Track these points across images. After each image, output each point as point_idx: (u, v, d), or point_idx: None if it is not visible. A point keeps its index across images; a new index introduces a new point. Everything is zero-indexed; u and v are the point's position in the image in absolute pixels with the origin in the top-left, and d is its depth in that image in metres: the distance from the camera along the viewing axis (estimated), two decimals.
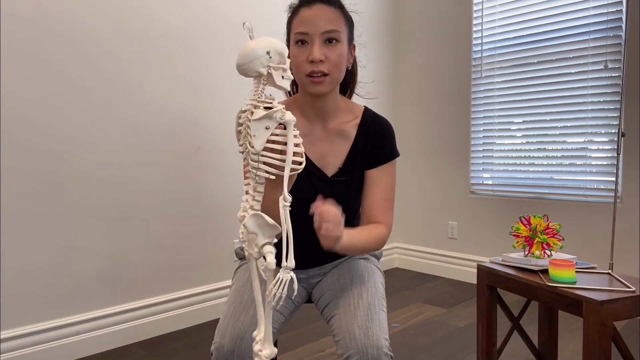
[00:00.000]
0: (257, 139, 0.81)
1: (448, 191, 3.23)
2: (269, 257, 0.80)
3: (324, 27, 1.07)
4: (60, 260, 1.96)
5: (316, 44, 1.07)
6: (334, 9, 1.10)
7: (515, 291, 1.37)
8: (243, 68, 0.82)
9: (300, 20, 1.09)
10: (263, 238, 0.82)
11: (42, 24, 1.88)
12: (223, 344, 1.00)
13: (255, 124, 0.81)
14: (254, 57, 0.81)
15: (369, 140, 1.18)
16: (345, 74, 1.15)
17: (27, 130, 1.86)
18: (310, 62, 1.07)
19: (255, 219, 0.81)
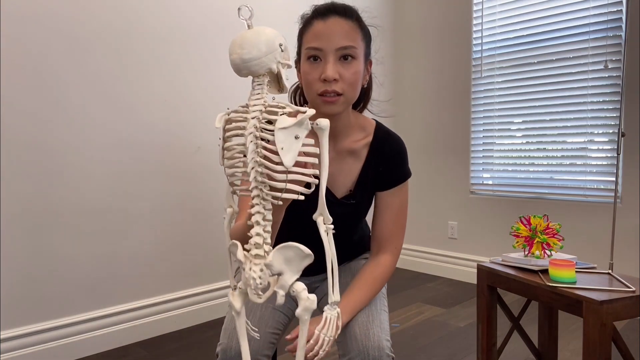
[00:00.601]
0: (286, 152, 0.65)
1: (448, 191, 3.23)
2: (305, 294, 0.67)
3: (339, 43, 0.98)
4: (61, 260, 1.96)
5: (330, 61, 0.97)
6: (350, 22, 1.01)
7: (515, 291, 1.37)
8: (253, 64, 0.68)
9: (313, 33, 1.00)
10: (292, 275, 0.66)
11: (41, 25, 1.88)
12: (230, 346, 0.98)
13: (282, 133, 0.65)
14: (270, 49, 0.68)
15: (381, 161, 1.11)
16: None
17: (26, 131, 1.86)
18: (323, 80, 0.97)
19: (284, 252, 0.66)
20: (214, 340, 2.13)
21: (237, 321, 0.71)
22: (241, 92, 2.54)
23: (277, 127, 0.66)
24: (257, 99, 0.69)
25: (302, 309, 0.67)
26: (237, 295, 0.70)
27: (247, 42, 0.67)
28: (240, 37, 0.68)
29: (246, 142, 0.67)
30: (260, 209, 0.67)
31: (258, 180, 0.67)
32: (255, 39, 0.67)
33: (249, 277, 0.66)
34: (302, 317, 0.67)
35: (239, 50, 0.67)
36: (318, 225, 0.69)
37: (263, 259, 0.66)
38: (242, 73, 0.69)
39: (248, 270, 0.66)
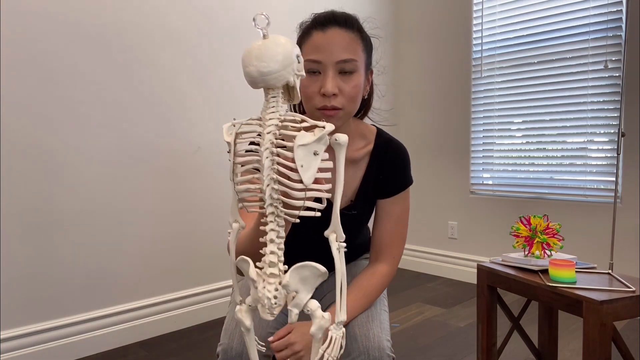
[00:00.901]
0: (306, 170, 0.63)
1: (448, 191, 3.23)
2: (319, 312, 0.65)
3: (339, 56, 0.94)
4: (60, 260, 1.96)
5: (329, 74, 0.94)
6: (351, 33, 0.97)
7: (515, 291, 1.37)
8: (272, 77, 0.65)
9: (312, 45, 0.96)
10: (306, 293, 0.65)
11: (41, 25, 1.88)
12: (231, 346, 0.98)
13: (302, 150, 0.63)
14: (288, 62, 0.65)
15: (383, 169, 1.09)
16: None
17: (26, 131, 1.86)
18: (323, 95, 0.94)
19: (300, 272, 0.64)
20: (214, 340, 2.13)
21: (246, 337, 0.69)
22: (241, 92, 2.55)
23: (296, 143, 0.63)
24: (273, 112, 0.66)
25: (317, 328, 0.66)
26: (245, 312, 0.68)
27: (265, 54, 0.64)
28: (257, 48, 0.65)
29: (262, 158, 0.64)
30: (274, 226, 0.65)
31: (273, 198, 0.65)
32: (273, 51, 0.64)
33: (263, 297, 0.64)
34: (316, 335, 0.66)
35: (256, 63, 0.64)
36: (330, 243, 0.67)
37: (278, 277, 0.65)
38: (257, 86, 0.66)
39: (262, 289, 0.64)
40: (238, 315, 0.68)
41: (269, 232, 0.65)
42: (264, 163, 0.64)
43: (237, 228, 0.71)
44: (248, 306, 0.68)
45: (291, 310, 0.65)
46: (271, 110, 0.66)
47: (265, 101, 0.67)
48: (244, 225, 0.71)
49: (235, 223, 0.72)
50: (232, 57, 2.49)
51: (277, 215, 0.65)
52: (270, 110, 0.66)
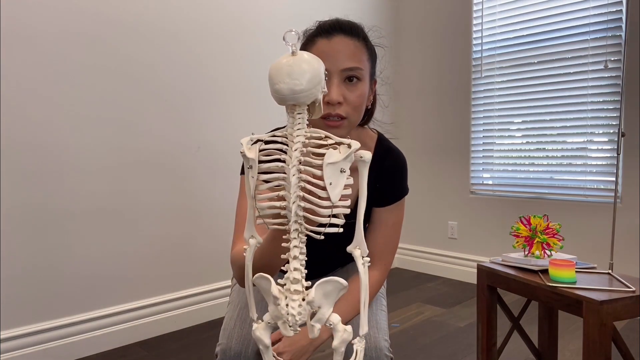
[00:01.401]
0: (334, 187, 0.63)
1: (448, 191, 3.23)
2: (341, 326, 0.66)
3: (343, 64, 0.93)
4: (60, 260, 1.96)
5: (334, 83, 0.93)
6: (356, 41, 0.97)
7: (515, 291, 1.37)
8: (303, 95, 0.64)
9: (316, 53, 0.92)
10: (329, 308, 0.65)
11: (41, 24, 1.88)
12: (230, 346, 0.98)
13: (330, 168, 0.63)
14: (318, 80, 0.65)
15: (381, 178, 1.08)
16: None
17: (26, 131, 1.86)
18: (327, 103, 0.93)
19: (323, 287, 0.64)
20: (214, 340, 2.13)
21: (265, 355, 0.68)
22: (241, 92, 2.55)
23: (326, 161, 0.63)
24: (299, 129, 0.66)
25: (340, 341, 0.66)
26: (263, 330, 0.67)
27: (297, 72, 0.64)
28: (287, 65, 0.64)
29: (289, 175, 0.64)
30: (297, 243, 0.65)
31: (299, 215, 0.65)
32: (303, 69, 0.64)
33: (287, 314, 0.63)
34: (338, 349, 0.66)
35: (288, 80, 0.63)
36: (355, 258, 0.67)
37: (301, 294, 0.64)
38: (286, 103, 0.66)
39: (284, 306, 0.63)
40: (256, 333, 0.67)
41: (292, 249, 0.65)
42: (291, 180, 0.64)
43: (254, 244, 0.70)
44: (267, 323, 0.67)
45: (314, 326, 0.65)
46: (298, 127, 0.66)
47: (291, 117, 0.67)
48: (260, 240, 0.71)
49: (252, 239, 0.70)
50: (232, 57, 2.49)
51: (300, 232, 0.65)
52: (297, 127, 0.66)
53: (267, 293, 0.66)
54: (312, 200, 0.64)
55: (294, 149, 0.65)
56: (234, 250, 0.96)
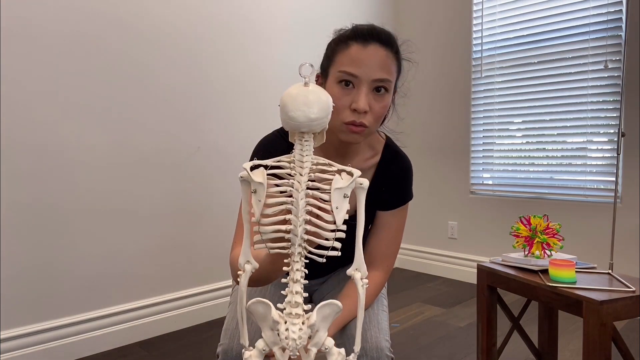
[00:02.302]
0: (339, 211, 0.66)
1: (448, 191, 3.23)
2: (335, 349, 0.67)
3: (376, 75, 0.94)
4: (60, 260, 1.96)
5: (363, 91, 0.93)
6: (390, 53, 0.98)
7: (515, 291, 1.37)
8: (317, 124, 0.68)
9: (350, 57, 0.94)
10: (325, 331, 0.66)
11: (41, 24, 1.88)
12: (231, 347, 0.97)
13: (337, 193, 0.66)
14: (329, 110, 0.70)
15: (386, 182, 1.09)
16: None
17: (25, 131, 1.86)
18: (353, 110, 0.93)
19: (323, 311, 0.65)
20: (214, 340, 2.13)
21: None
22: (241, 92, 2.55)
23: (333, 187, 0.67)
24: (308, 156, 0.69)
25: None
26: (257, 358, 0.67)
27: (312, 102, 0.68)
28: (303, 95, 0.68)
29: (297, 199, 0.66)
30: (299, 266, 0.66)
31: (303, 238, 0.66)
32: (318, 99, 0.68)
33: (288, 338, 0.63)
34: None
35: (304, 108, 0.67)
36: (355, 281, 0.69)
37: (302, 317, 0.65)
38: (300, 129, 0.69)
39: (284, 330, 0.63)
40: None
41: (294, 272, 0.66)
42: (299, 204, 0.66)
43: (249, 270, 0.70)
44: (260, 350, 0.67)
45: (310, 350, 0.66)
46: (307, 154, 0.70)
47: (299, 145, 0.70)
48: (257, 266, 0.71)
49: (247, 264, 0.70)
50: (232, 57, 2.49)
51: (302, 256, 0.67)
52: (306, 154, 0.70)
53: (263, 319, 0.65)
54: (319, 223, 0.66)
55: (302, 173, 0.68)
56: (232, 254, 0.96)
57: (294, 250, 0.66)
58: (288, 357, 0.65)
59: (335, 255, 0.67)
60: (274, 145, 1.07)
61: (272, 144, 1.07)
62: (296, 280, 0.66)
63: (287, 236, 0.67)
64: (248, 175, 0.67)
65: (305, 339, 0.64)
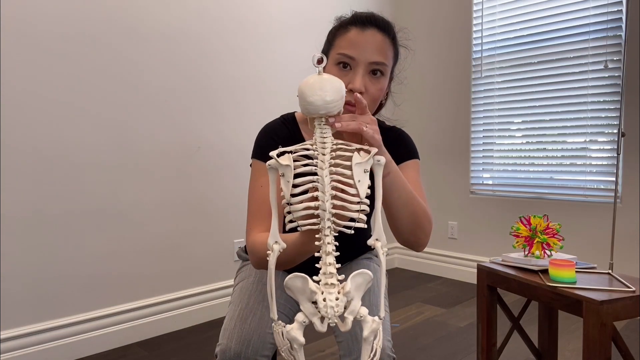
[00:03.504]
0: (361, 184, 0.72)
1: (448, 191, 3.23)
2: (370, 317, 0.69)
3: (372, 57, 0.99)
4: (60, 260, 1.96)
5: (359, 72, 0.98)
6: (387, 38, 1.02)
7: (515, 291, 1.37)
8: (332, 106, 0.75)
9: (348, 40, 0.99)
10: (359, 300, 0.69)
11: (41, 24, 1.88)
12: (230, 347, 0.97)
13: (358, 168, 0.72)
14: (342, 94, 0.77)
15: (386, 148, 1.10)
16: None
17: (26, 132, 1.86)
18: (349, 90, 0.96)
19: (356, 279, 0.68)
20: (214, 340, 2.13)
21: (298, 353, 0.70)
22: (241, 92, 2.55)
23: (354, 162, 0.72)
24: (327, 137, 0.76)
25: (370, 332, 0.69)
26: (298, 330, 0.69)
27: (327, 86, 0.75)
28: (318, 81, 0.75)
29: (322, 176, 0.72)
30: (330, 239, 0.70)
31: (332, 212, 0.71)
32: (332, 84, 0.75)
33: (327, 307, 0.66)
34: (368, 338, 0.69)
35: (320, 92, 0.74)
36: (377, 249, 0.73)
37: (337, 286, 0.68)
38: (318, 113, 0.75)
39: (322, 300, 0.67)
40: (291, 333, 0.68)
41: (326, 245, 0.70)
42: (324, 180, 0.71)
43: (277, 249, 0.74)
44: (300, 323, 0.69)
45: (347, 318, 0.68)
46: (327, 135, 0.76)
47: (319, 128, 0.77)
48: (284, 246, 0.74)
49: (276, 244, 0.74)
50: (232, 58, 2.49)
51: (332, 230, 0.71)
52: (327, 135, 0.76)
53: (301, 292, 0.68)
54: (344, 197, 0.71)
55: (324, 153, 0.74)
56: (253, 238, 0.97)
57: (324, 225, 0.70)
58: (327, 326, 0.68)
59: (362, 226, 0.72)
60: (276, 131, 1.10)
61: (275, 130, 1.10)
62: (329, 253, 0.69)
63: (316, 212, 0.72)
64: (276, 162, 0.72)
65: (342, 306, 0.67)
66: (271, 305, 0.73)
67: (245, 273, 1.20)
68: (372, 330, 0.69)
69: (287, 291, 0.69)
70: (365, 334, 0.69)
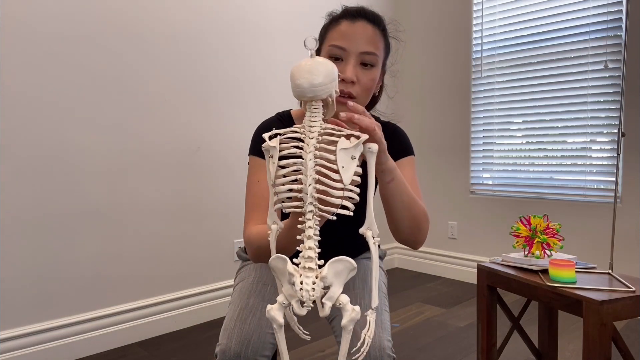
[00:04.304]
0: (345, 171, 0.71)
1: (448, 191, 3.23)
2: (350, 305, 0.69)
3: (362, 47, 1.00)
4: (61, 261, 1.96)
5: (351, 62, 1.00)
6: (377, 30, 1.04)
7: (515, 291, 1.37)
8: (320, 89, 0.74)
9: (339, 32, 1.02)
10: (339, 287, 0.68)
11: (41, 23, 1.88)
12: (229, 347, 0.98)
13: (343, 154, 0.72)
14: (332, 77, 0.76)
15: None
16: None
17: (25, 133, 1.86)
18: (341, 80, 0.98)
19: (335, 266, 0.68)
20: (214, 340, 2.13)
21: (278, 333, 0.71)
22: (241, 92, 2.55)
23: (338, 147, 0.72)
24: (316, 121, 0.75)
25: (348, 320, 0.69)
26: (277, 310, 0.70)
27: (315, 69, 0.74)
28: (308, 64, 0.75)
29: (305, 160, 0.72)
30: (312, 224, 0.70)
31: (314, 196, 0.71)
32: (321, 68, 0.74)
33: (303, 290, 0.67)
34: (347, 327, 0.70)
35: (307, 76, 0.74)
36: (367, 239, 0.73)
37: (315, 271, 0.68)
38: (306, 97, 0.75)
39: (299, 283, 0.67)
40: (270, 313, 0.70)
41: (307, 230, 0.70)
42: (307, 164, 0.71)
43: (275, 229, 0.77)
44: (280, 304, 0.70)
45: (325, 303, 0.69)
46: (315, 119, 0.75)
47: (309, 112, 0.76)
48: (282, 226, 0.76)
49: (274, 225, 0.77)
50: (232, 58, 2.49)
51: (315, 214, 0.71)
52: (314, 119, 0.75)
53: (281, 273, 0.70)
54: (326, 182, 0.71)
55: (310, 137, 0.73)
56: (249, 231, 0.98)
57: (306, 209, 0.71)
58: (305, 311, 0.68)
59: (347, 214, 0.72)
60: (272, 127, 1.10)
61: (271, 127, 1.11)
62: (309, 237, 0.70)
63: (299, 195, 0.72)
64: (267, 143, 0.74)
65: (319, 291, 0.67)
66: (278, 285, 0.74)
67: (245, 273, 1.20)
68: (351, 319, 0.68)
69: (272, 271, 0.71)
70: (343, 322, 0.69)
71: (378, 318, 1.03)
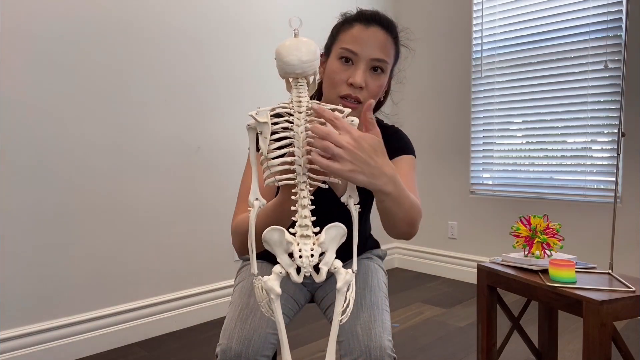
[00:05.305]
0: None
1: (448, 191, 3.23)
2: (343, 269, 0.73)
3: (374, 54, 1.01)
4: (61, 260, 1.96)
5: (361, 67, 1.01)
6: (390, 37, 1.05)
7: (515, 291, 1.37)
8: (307, 65, 0.77)
9: (352, 36, 1.02)
10: (333, 252, 0.72)
11: (42, 23, 1.88)
12: (230, 346, 0.97)
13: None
14: (317, 55, 0.78)
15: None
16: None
17: (26, 131, 1.86)
18: (350, 84, 1.00)
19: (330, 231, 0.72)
20: (214, 340, 2.13)
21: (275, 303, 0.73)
22: (241, 91, 2.55)
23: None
24: (303, 97, 0.78)
25: (343, 283, 0.72)
26: (275, 280, 0.73)
27: (302, 47, 0.76)
28: (294, 42, 0.77)
29: (297, 132, 0.75)
30: (305, 193, 0.74)
31: (307, 167, 0.75)
32: (307, 45, 0.77)
33: (303, 257, 0.70)
34: (341, 289, 0.73)
35: (296, 52, 0.76)
36: (349, 206, 0.77)
37: (312, 238, 0.72)
38: (294, 73, 0.77)
39: (297, 250, 0.70)
40: (268, 284, 0.72)
41: (301, 199, 0.74)
42: (299, 136, 0.75)
43: (258, 205, 0.79)
44: (277, 274, 0.72)
45: (322, 268, 0.72)
46: (303, 95, 0.78)
47: (295, 89, 0.79)
48: (265, 203, 0.79)
49: (256, 201, 0.79)
50: (232, 58, 2.49)
51: (307, 184, 0.75)
52: (302, 94, 0.78)
53: (278, 244, 0.72)
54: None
55: (300, 111, 0.77)
56: (236, 220, 0.99)
57: (300, 179, 0.74)
58: (303, 277, 0.71)
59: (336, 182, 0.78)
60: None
61: None
62: (304, 206, 0.73)
63: (292, 167, 0.75)
64: (254, 120, 0.76)
65: (317, 257, 0.71)
66: (252, 260, 0.76)
67: (245, 273, 1.20)
68: (346, 281, 0.72)
69: (265, 245, 0.72)
70: (338, 285, 0.72)
71: (379, 318, 1.03)
